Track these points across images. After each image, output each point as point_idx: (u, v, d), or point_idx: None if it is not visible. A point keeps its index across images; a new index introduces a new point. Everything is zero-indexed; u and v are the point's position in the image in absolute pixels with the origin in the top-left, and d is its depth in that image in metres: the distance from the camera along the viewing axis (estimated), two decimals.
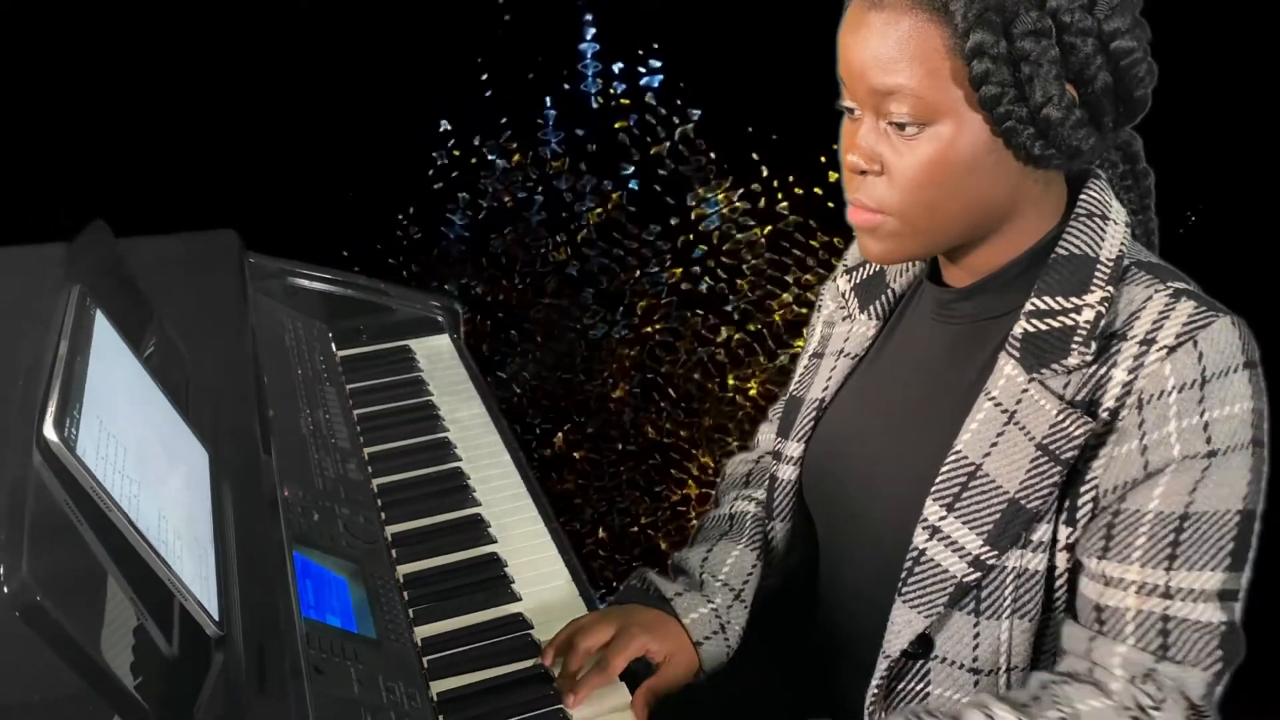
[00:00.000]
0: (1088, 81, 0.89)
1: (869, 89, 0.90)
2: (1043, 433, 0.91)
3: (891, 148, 0.91)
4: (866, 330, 1.08)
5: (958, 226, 0.94)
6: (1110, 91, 0.90)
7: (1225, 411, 0.87)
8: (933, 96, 0.88)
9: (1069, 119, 0.88)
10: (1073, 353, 0.91)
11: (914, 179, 0.90)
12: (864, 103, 0.91)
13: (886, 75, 0.88)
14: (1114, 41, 0.89)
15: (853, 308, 1.10)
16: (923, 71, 0.87)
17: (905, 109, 0.88)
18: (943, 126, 0.89)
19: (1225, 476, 0.88)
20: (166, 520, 0.95)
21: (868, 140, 0.92)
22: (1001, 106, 0.87)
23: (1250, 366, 0.89)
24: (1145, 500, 0.89)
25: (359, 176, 2.80)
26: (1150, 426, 0.88)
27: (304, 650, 0.99)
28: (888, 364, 1.06)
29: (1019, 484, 0.91)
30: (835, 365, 1.09)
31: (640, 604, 1.12)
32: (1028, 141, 0.88)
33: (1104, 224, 0.94)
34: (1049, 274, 0.93)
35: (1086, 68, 0.88)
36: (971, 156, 0.89)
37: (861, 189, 0.93)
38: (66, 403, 0.89)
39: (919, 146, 0.89)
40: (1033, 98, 0.87)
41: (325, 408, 1.47)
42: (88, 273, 1.15)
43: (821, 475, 1.07)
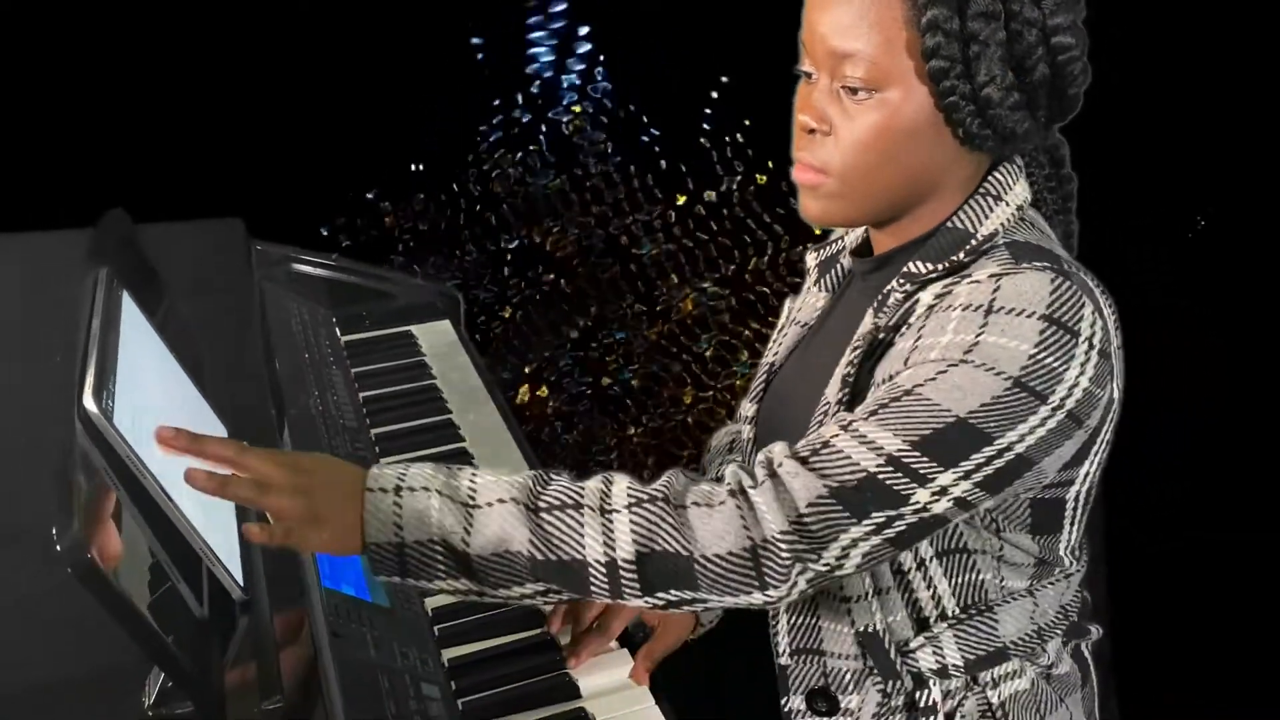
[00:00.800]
0: (1028, 70, 0.95)
1: (827, 51, 0.96)
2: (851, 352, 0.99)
3: (841, 110, 0.97)
4: (817, 302, 1.15)
5: (889, 194, 1.00)
6: (1047, 83, 0.97)
7: (998, 339, 0.91)
8: (886, 63, 0.95)
9: (1006, 100, 0.95)
10: (900, 291, 0.99)
11: (858, 141, 0.96)
12: (821, 64, 0.98)
13: (845, 39, 0.95)
14: (1055, 36, 0.95)
15: (810, 280, 1.17)
16: (879, 39, 0.94)
17: (859, 72, 0.95)
18: (891, 94, 0.95)
19: (961, 382, 0.90)
20: (192, 490, 1.00)
21: (820, 102, 0.98)
22: (947, 80, 0.94)
23: (1050, 322, 0.91)
24: (886, 371, 0.96)
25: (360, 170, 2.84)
26: (928, 332, 0.93)
27: (323, 615, 1.04)
28: (825, 332, 1.13)
29: (835, 397, 0.99)
30: (787, 333, 1.17)
31: None
32: (967, 118, 0.95)
33: (995, 204, 1.00)
34: (929, 244, 1.00)
35: (1028, 56, 0.95)
36: (913, 126, 0.96)
37: (807, 148, 0.99)
38: (102, 376, 0.93)
39: (867, 112, 0.96)
40: (977, 76, 0.94)
41: (333, 390, 1.52)
42: (112, 256, 1.19)
43: (768, 433, 1.13)
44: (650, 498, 0.91)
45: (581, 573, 0.90)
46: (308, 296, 1.73)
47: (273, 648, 0.95)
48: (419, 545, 0.89)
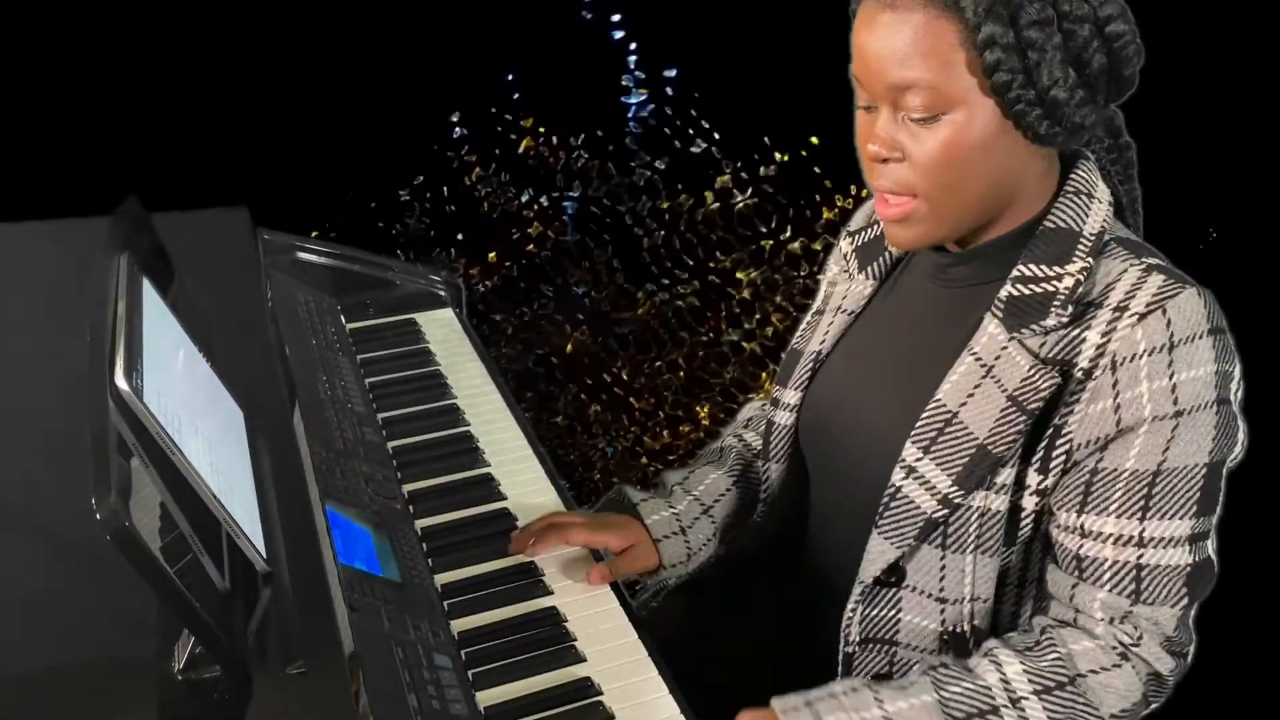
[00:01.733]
0: (1086, 63, 0.98)
1: (886, 84, 0.97)
2: (1014, 385, 1.01)
3: (910, 135, 0.99)
4: (863, 289, 1.18)
5: (978, 205, 1.02)
6: (1106, 71, 0.99)
7: (1191, 374, 0.97)
8: (947, 87, 0.96)
9: (1073, 99, 0.97)
10: (1051, 315, 1.01)
11: (935, 162, 0.98)
12: (880, 97, 0.99)
13: (902, 70, 0.96)
14: (1108, 25, 0.98)
15: (852, 268, 1.20)
16: (936, 64, 0.95)
17: (921, 101, 0.96)
18: (957, 114, 0.97)
19: (1192, 434, 0.98)
20: (216, 467, 1.04)
21: (886, 130, 0.99)
22: (1012, 92, 0.96)
23: (1214, 333, 0.99)
24: (1121, 459, 0.99)
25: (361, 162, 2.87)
26: (1123, 387, 0.98)
27: (340, 588, 1.08)
28: (882, 321, 1.16)
29: (988, 431, 1.02)
30: (833, 321, 1.19)
31: (613, 511, 1.28)
32: (1036, 122, 0.97)
33: (1089, 201, 1.04)
34: (1036, 245, 1.03)
35: (1085, 51, 0.97)
36: (985, 138, 0.98)
37: (884, 176, 1.01)
38: (131, 356, 0.97)
39: (937, 132, 0.97)
40: (1040, 82, 0.96)
41: (340, 376, 1.55)
42: (130, 242, 1.23)
43: (815, 421, 1.18)
44: (1058, 684, 1.00)
45: None
46: (313, 284, 1.77)
47: (294, 617, 1.00)
48: None
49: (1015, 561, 1.07)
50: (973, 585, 1.06)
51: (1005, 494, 1.03)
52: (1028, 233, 1.05)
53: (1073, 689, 1.00)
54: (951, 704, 1.00)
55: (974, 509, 1.04)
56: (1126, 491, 0.99)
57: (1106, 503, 1.00)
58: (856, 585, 1.10)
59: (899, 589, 1.09)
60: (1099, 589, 1.01)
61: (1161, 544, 0.99)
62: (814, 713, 1.01)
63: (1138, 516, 0.99)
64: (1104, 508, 1.00)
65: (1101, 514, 1.00)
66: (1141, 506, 0.99)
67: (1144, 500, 0.98)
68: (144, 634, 0.96)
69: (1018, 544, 1.06)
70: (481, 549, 1.28)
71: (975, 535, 1.04)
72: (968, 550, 1.05)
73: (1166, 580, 1.00)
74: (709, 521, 1.28)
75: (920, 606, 1.08)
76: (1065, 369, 1.01)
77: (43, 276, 1.51)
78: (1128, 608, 1.01)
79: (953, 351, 1.06)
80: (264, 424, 1.24)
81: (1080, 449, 1.01)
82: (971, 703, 1.01)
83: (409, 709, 0.99)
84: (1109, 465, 1.00)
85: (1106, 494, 1.00)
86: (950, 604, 1.07)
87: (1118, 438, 0.99)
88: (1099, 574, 1.01)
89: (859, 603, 1.10)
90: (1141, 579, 1.00)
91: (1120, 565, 1.00)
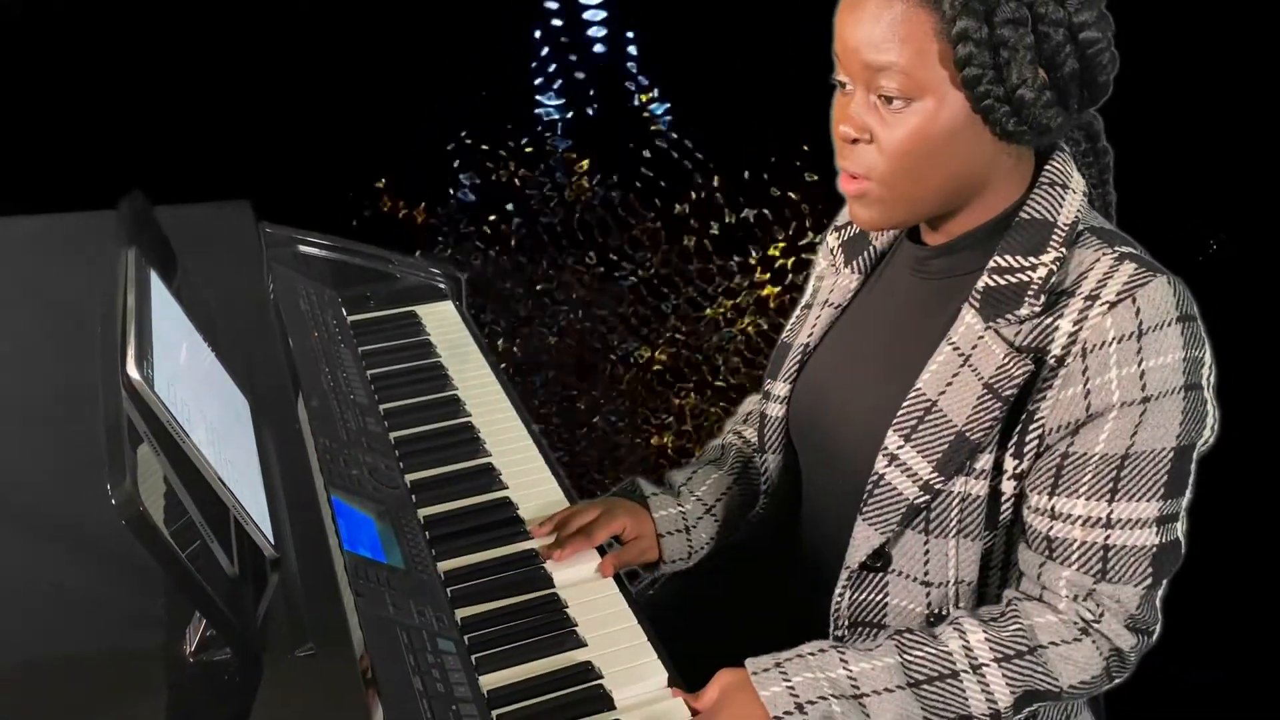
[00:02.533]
0: (1058, 67, 1.00)
1: (862, 65, 1.01)
2: (990, 373, 1.04)
3: (880, 120, 1.02)
4: (849, 283, 1.21)
5: (937, 195, 1.05)
6: (1077, 77, 1.02)
7: (1159, 361, 1.00)
8: (919, 74, 0.99)
9: (1040, 99, 1.00)
10: (1024, 304, 1.03)
11: (899, 148, 1.01)
12: (856, 77, 1.02)
13: (879, 53, 0.99)
14: (1082, 32, 1.00)
15: (839, 262, 1.22)
16: (911, 51, 0.98)
17: (894, 84, 0.99)
18: (927, 102, 1.00)
19: (1160, 419, 1.01)
20: (224, 455, 1.06)
21: (859, 112, 1.03)
22: (981, 86, 0.99)
23: (1183, 320, 1.01)
24: (1091, 443, 1.02)
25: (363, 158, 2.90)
26: (1093, 373, 1.01)
27: (345, 575, 1.10)
28: (866, 313, 1.19)
29: (966, 418, 1.04)
30: (820, 314, 1.22)
31: (625, 498, 1.33)
32: (1003, 119, 1.00)
33: (1063, 193, 1.06)
34: (1011, 236, 1.06)
35: (1057, 54, 1.00)
36: (952, 130, 1.01)
37: (851, 157, 1.05)
38: (141, 346, 0.99)
39: (905, 119, 1.00)
40: (1009, 80, 0.99)
41: (342, 367, 1.57)
42: (136, 236, 1.25)
43: (804, 412, 1.20)
44: (1017, 652, 1.04)
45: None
46: (314, 277, 1.79)
47: (302, 601, 1.02)
48: None
49: (998, 544, 1.10)
50: (956, 568, 1.09)
51: (985, 479, 1.06)
52: (1003, 224, 1.08)
53: (1032, 658, 1.04)
54: (914, 667, 1.04)
55: (955, 494, 1.06)
56: (1095, 474, 1.02)
57: (1076, 485, 1.02)
58: (843, 571, 1.13)
59: (885, 574, 1.11)
60: (1066, 568, 1.04)
61: (1129, 525, 1.02)
62: (782, 672, 1.05)
63: (1106, 499, 1.01)
64: (1074, 490, 1.02)
65: (1071, 496, 1.03)
66: (1110, 489, 1.01)
67: (1112, 483, 1.01)
68: (147, 623, 0.99)
69: (999, 527, 1.09)
70: (483, 537, 1.30)
71: (957, 520, 1.07)
72: (950, 534, 1.08)
73: (1132, 560, 1.02)
74: (712, 520, 1.33)
75: (906, 590, 1.11)
76: (1039, 356, 1.03)
77: (45, 270, 1.52)
78: (1091, 585, 1.04)
79: (932, 342, 1.09)
80: (269, 414, 1.26)
81: (1052, 433, 1.04)
82: (933, 666, 1.04)
83: (414, 691, 1.01)
84: (1079, 449, 1.03)
85: (1076, 477, 1.02)
86: (935, 587, 1.10)
87: (1088, 422, 1.02)
88: (1067, 554, 1.04)
89: (846, 587, 1.13)
90: (1108, 559, 1.03)
91: (1088, 546, 1.03)
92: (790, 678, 1.04)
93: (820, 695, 1.03)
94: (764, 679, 1.05)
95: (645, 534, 1.29)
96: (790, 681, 1.04)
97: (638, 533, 1.29)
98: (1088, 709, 1.21)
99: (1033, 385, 1.03)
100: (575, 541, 1.26)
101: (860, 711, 1.03)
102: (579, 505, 1.32)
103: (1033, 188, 1.07)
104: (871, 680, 1.04)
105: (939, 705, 1.04)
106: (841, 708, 1.03)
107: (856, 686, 1.03)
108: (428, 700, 1.01)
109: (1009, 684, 1.04)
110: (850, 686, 1.03)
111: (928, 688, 1.04)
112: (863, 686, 1.03)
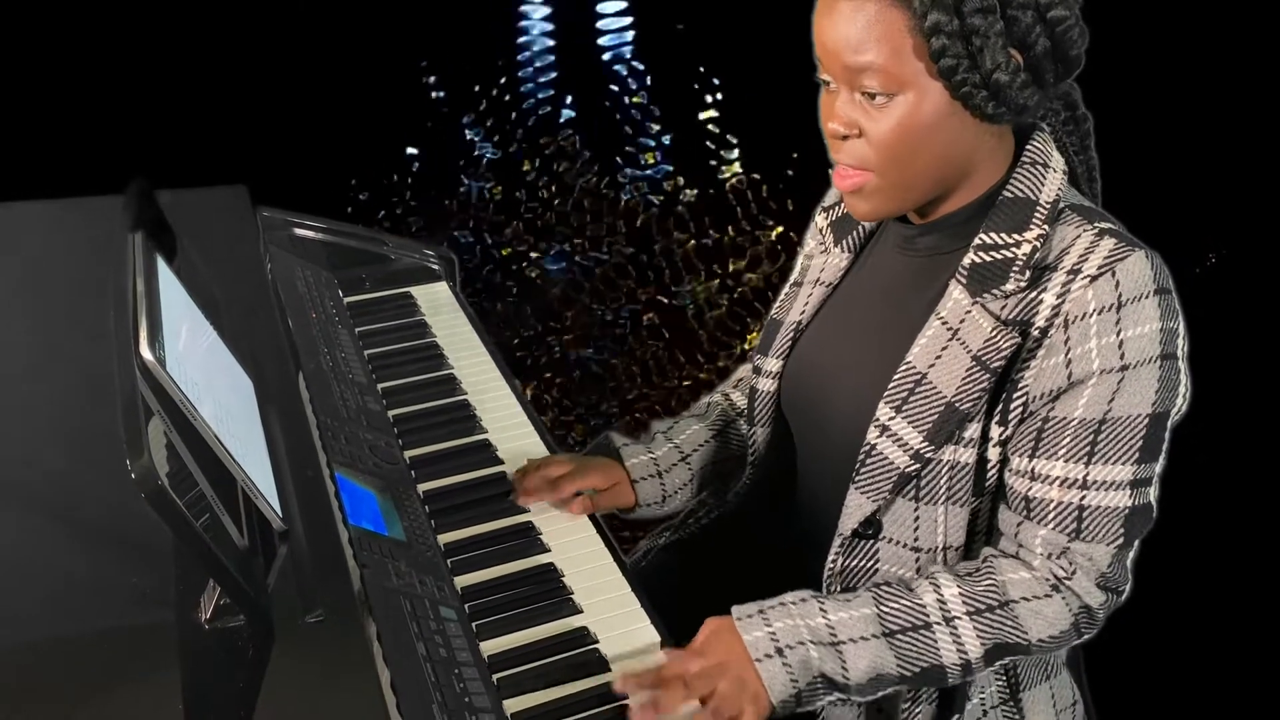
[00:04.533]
0: (1030, 47, 1.05)
1: (842, 66, 1.05)
2: (978, 346, 1.08)
3: (866, 114, 1.06)
4: (840, 262, 1.25)
5: (928, 181, 1.10)
6: (1050, 54, 1.06)
7: (1137, 331, 1.05)
8: (897, 70, 1.03)
9: (1015, 81, 1.04)
10: (1010, 280, 1.08)
11: (889, 139, 1.06)
12: (838, 77, 1.07)
13: (857, 54, 1.04)
14: (1050, 11, 1.05)
15: (828, 241, 1.27)
16: (888, 49, 1.03)
17: (875, 82, 1.04)
18: (908, 95, 1.04)
19: (1137, 386, 1.06)
20: (232, 432, 1.10)
21: (845, 109, 1.07)
22: (958, 75, 1.03)
23: (1160, 293, 1.06)
24: (1070, 408, 1.07)
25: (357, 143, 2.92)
26: (1074, 343, 1.06)
27: (349, 546, 1.15)
28: (857, 291, 1.23)
29: (955, 389, 1.09)
30: (812, 293, 1.26)
31: (598, 454, 1.39)
32: (982, 103, 1.05)
33: (1045, 171, 1.11)
34: (996, 214, 1.10)
35: (1028, 36, 1.04)
36: (935, 118, 1.05)
37: (843, 151, 1.09)
38: (153, 328, 1.03)
39: (890, 113, 1.05)
40: (983, 66, 1.03)
41: (340, 347, 1.61)
42: (141, 220, 1.28)
43: (797, 387, 1.25)
44: (989, 606, 1.09)
45: (939, 673, 1.09)
46: (311, 260, 1.82)
47: (311, 571, 1.06)
48: (810, 686, 1.09)
49: (984, 509, 1.15)
50: (945, 534, 1.13)
51: (973, 447, 1.10)
52: (987, 203, 1.12)
53: (1003, 612, 1.09)
54: (889, 617, 1.09)
55: (944, 462, 1.11)
56: (1074, 438, 1.06)
57: (1055, 448, 1.07)
58: (836, 538, 1.17)
59: (875, 541, 1.16)
60: (1042, 527, 1.09)
61: (1104, 487, 1.07)
62: (764, 618, 1.10)
63: (1083, 461, 1.06)
64: (1053, 453, 1.07)
65: (1050, 458, 1.07)
66: (1087, 452, 1.06)
67: (1090, 446, 1.06)
68: (159, 597, 1.03)
69: (986, 493, 1.13)
70: (481, 510, 1.35)
71: (946, 487, 1.12)
72: (939, 501, 1.12)
73: (1106, 520, 1.07)
74: (685, 468, 1.39)
75: (896, 556, 1.16)
76: (1024, 329, 1.08)
77: (44, 255, 1.56)
78: (1065, 544, 1.09)
79: (921, 317, 1.13)
80: (271, 393, 1.30)
81: (1035, 400, 1.08)
82: (907, 617, 1.09)
83: (419, 657, 1.06)
84: (1059, 414, 1.07)
85: (1056, 440, 1.07)
86: (924, 553, 1.15)
87: (1068, 390, 1.07)
88: (1044, 513, 1.09)
89: (838, 554, 1.18)
90: (1083, 518, 1.07)
91: (1064, 505, 1.08)
92: (772, 623, 1.10)
93: (799, 640, 1.08)
94: (747, 624, 1.10)
95: (620, 484, 1.36)
96: (771, 627, 1.09)
97: (610, 482, 1.36)
98: (1066, 669, 1.27)
99: (1018, 356, 1.08)
100: (540, 490, 1.33)
101: (837, 658, 1.08)
102: (553, 457, 1.38)
103: (1015, 167, 1.12)
104: (848, 629, 1.09)
105: (912, 655, 1.09)
106: (819, 653, 1.08)
107: (834, 634, 1.08)
108: (431, 665, 1.06)
109: (979, 636, 1.09)
110: (828, 634, 1.08)
111: (901, 638, 1.09)
112: (840, 634, 1.08)
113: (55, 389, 1.33)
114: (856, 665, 1.08)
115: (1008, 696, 1.20)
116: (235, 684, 0.99)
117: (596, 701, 1.09)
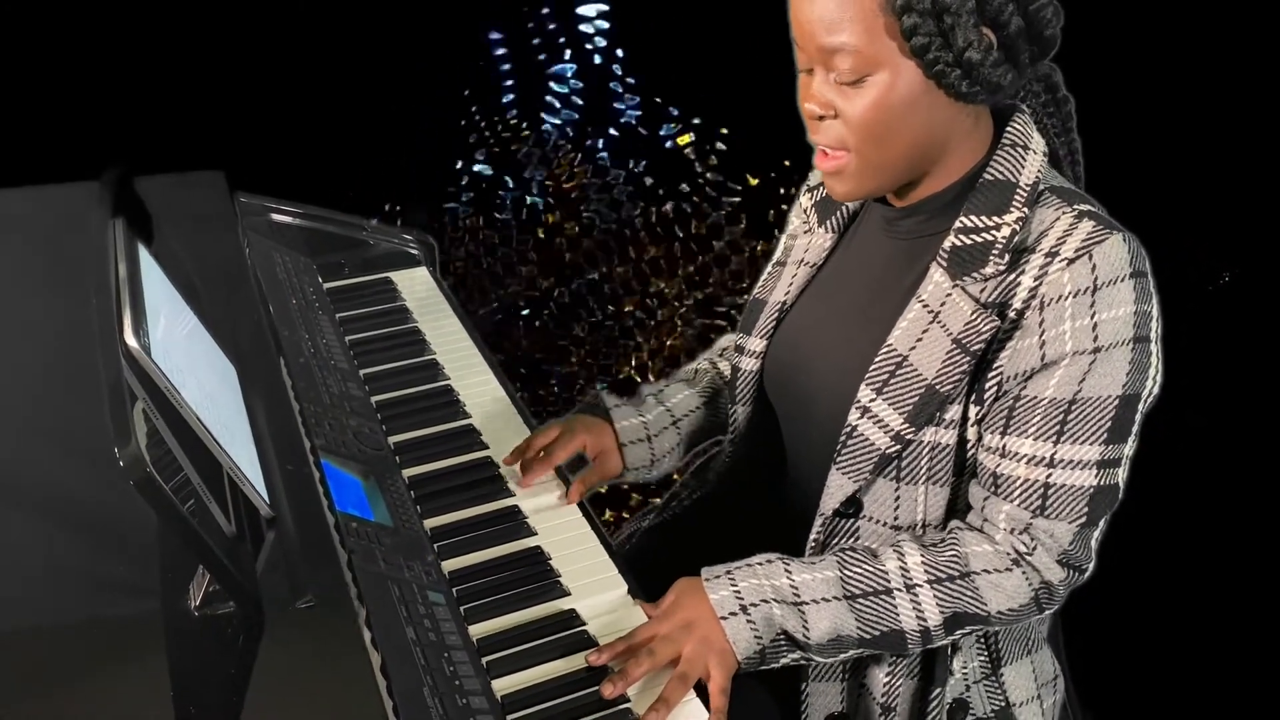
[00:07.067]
0: (1002, 25, 1.06)
1: (817, 47, 1.06)
2: (959, 329, 1.09)
3: (841, 95, 1.07)
4: (824, 242, 1.26)
5: (904, 161, 1.11)
6: (1023, 33, 1.07)
7: (1111, 314, 1.06)
8: (871, 51, 1.04)
9: (988, 59, 1.05)
10: (990, 263, 1.09)
11: (865, 120, 1.07)
12: (814, 59, 1.08)
13: (830, 35, 1.05)
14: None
15: (813, 222, 1.28)
16: (860, 30, 1.04)
17: (849, 64, 1.05)
18: (883, 74, 1.05)
19: (1108, 368, 1.07)
20: (218, 419, 1.09)
21: (821, 91, 1.08)
22: (930, 54, 1.04)
23: (1135, 276, 1.07)
24: (1042, 388, 1.08)
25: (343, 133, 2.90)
26: (1049, 325, 1.07)
27: (337, 532, 1.15)
28: (840, 272, 1.24)
29: (935, 372, 1.10)
30: (796, 273, 1.27)
31: (587, 414, 1.39)
32: (955, 82, 1.05)
33: (1024, 154, 1.12)
34: (976, 196, 1.11)
35: (1000, 14, 1.05)
36: (909, 97, 1.06)
37: (820, 133, 1.10)
38: (137, 315, 1.02)
39: (865, 93, 1.06)
40: (955, 44, 1.04)
41: (321, 334, 1.61)
42: (120, 207, 1.27)
43: (780, 367, 1.26)
44: (949, 576, 1.10)
45: (898, 639, 1.10)
46: (289, 245, 1.81)
47: (299, 558, 1.06)
48: (774, 644, 1.11)
49: (963, 488, 1.16)
50: (924, 512, 1.15)
51: (953, 429, 1.12)
52: (968, 185, 1.13)
53: (963, 583, 1.11)
54: (851, 581, 1.11)
55: (925, 444, 1.12)
56: (1044, 416, 1.08)
57: (1025, 426, 1.09)
58: (817, 518, 1.19)
59: (856, 520, 1.17)
60: (1007, 502, 1.11)
61: (1071, 465, 1.08)
62: (730, 578, 1.12)
63: (1052, 439, 1.08)
64: (1023, 430, 1.09)
65: (1020, 436, 1.09)
66: (1057, 431, 1.08)
67: (1059, 425, 1.07)
68: (146, 587, 1.02)
69: (966, 473, 1.15)
70: (467, 495, 1.35)
71: (927, 467, 1.13)
72: (920, 481, 1.14)
73: (1070, 498, 1.09)
74: (675, 432, 1.40)
75: (876, 535, 1.17)
76: (1001, 310, 1.09)
77: (21, 240, 1.54)
78: (1029, 520, 1.10)
79: (902, 299, 1.15)
80: (254, 379, 1.30)
81: (1008, 380, 1.10)
82: (870, 582, 1.11)
83: (408, 641, 1.06)
84: (1030, 393, 1.09)
85: (1026, 418, 1.09)
86: (904, 530, 1.16)
87: (1041, 370, 1.08)
88: (1010, 489, 1.10)
89: (820, 534, 1.19)
90: (1048, 496, 1.09)
91: (1030, 483, 1.09)
92: (738, 582, 1.12)
93: (763, 599, 1.10)
94: (714, 584, 1.12)
95: (607, 447, 1.37)
96: (737, 586, 1.11)
97: (599, 447, 1.36)
98: (1047, 644, 1.28)
99: (996, 337, 1.09)
100: (536, 467, 1.33)
101: (799, 617, 1.10)
102: (540, 428, 1.38)
103: (994, 149, 1.13)
104: (811, 590, 1.11)
105: (872, 619, 1.11)
106: (781, 611, 1.10)
107: (798, 594, 1.10)
108: (421, 649, 1.06)
109: (939, 604, 1.10)
110: (792, 594, 1.10)
111: (863, 601, 1.11)
112: (803, 594, 1.10)
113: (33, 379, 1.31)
114: (818, 625, 1.10)
115: (989, 671, 1.21)
116: (226, 670, 0.99)
117: (585, 682, 1.10)
